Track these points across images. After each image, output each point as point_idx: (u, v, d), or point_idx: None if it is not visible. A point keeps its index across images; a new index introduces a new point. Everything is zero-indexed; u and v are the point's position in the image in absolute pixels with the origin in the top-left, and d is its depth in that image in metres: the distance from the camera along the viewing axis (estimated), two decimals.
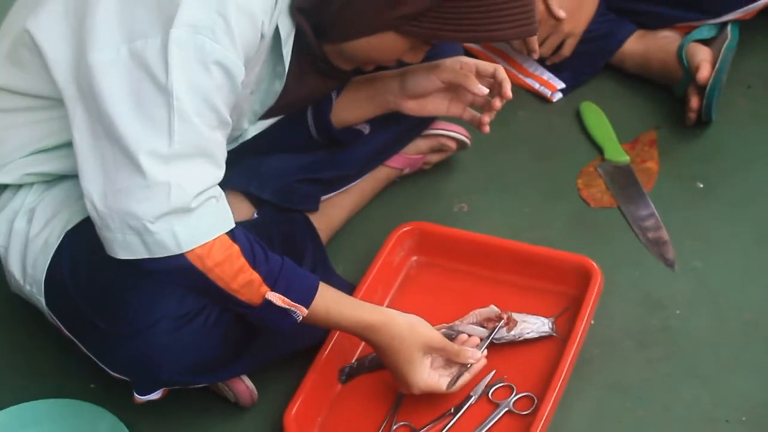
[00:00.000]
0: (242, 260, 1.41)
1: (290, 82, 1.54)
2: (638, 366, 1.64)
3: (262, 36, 1.42)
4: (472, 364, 1.56)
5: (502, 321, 1.62)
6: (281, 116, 1.66)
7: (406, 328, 1.52)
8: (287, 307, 1.44)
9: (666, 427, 1.57)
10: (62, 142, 1.48)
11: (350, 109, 1.71)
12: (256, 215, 1.75)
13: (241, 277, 1.41)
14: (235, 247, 1.41)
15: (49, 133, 1.49)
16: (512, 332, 1.63)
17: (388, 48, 1.48)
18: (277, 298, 1.43)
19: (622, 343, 1.67)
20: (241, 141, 1.64)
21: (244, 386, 1.64)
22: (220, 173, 1.41)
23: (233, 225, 1.42)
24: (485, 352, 1.59)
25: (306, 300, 1.46)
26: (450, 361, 1.57)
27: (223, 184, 1.44)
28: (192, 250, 1.37)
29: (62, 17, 1.41)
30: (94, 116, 1.36)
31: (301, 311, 1.45)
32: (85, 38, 1.37)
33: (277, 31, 1.46)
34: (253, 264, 1.42)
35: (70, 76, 1.39)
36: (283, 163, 1.77)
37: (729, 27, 1.95)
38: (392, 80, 1.69)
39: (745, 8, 1.94)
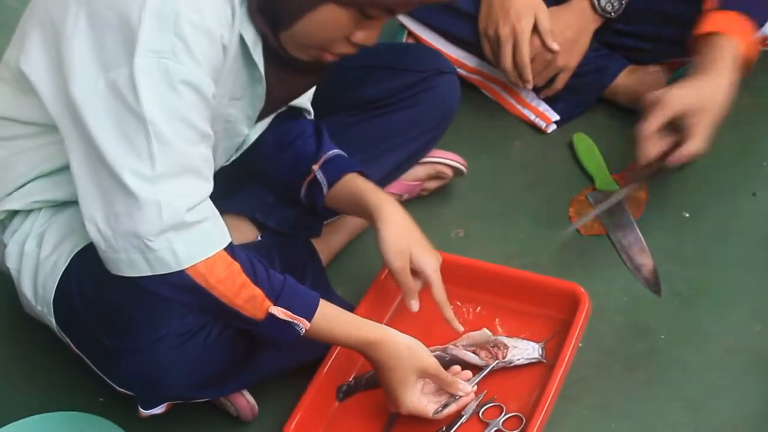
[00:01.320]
0: (244, 277, 1.42)
1: (272, 84, 1.56)
2: (624, 388, 1.65)
3: (225, 48, 1.43)
4: (460, 396, 1.58)
5: (495, 362, 1.63)
6: (278, 111, 1.68)
7: (405, 349, 1.53)
8: (290, 320, 1.45)
9: None
10: (62, 164, 1.50)
11: (337, 203, 1.71)
12: (260, 237, 1.76)
13: (243, 293, 1.42)
14: (236, 265, 1.42)
15: (53, 155, 1.51)
16: (504, 358, 1.64)
17: (330, 22, 1.46)
18: (280, 312, 1.45)
19: (609, 365, 1.68)
20: (245, 147, 1.67)
21: (245, 401, 1.65)
22: (208, 186, 1.42)
23: (230, 240, 1.43)
24: (475, 387, 1.60)
25: (308, 313, 1.47)
26: (441, 389, 1.58)
27: (229, 209, 1.48)
28: (194, 267, 1.39)
29: (43, 51, 1.43)
30: (85, 143, 1.39)
31: (303, 324, 1.46)
32: (64, 71, 1.39)
33: (242, 39, 1.48)
34: (255, 280, 1.43)
35: (61, 107, 1.42)
36: None
37: None
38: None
39: None
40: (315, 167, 1.70)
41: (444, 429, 1.59)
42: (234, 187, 1.76)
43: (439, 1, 1.48)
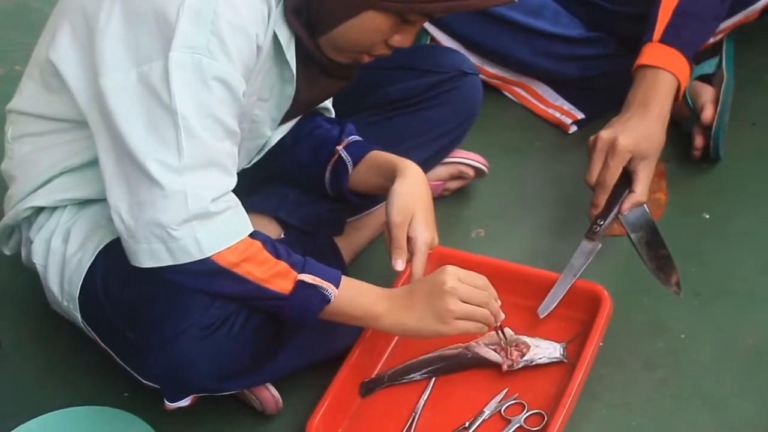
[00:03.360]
0: (266, 253, 1.45)
1: (301, 86, 1.58)
2: (644, 387, 1.66)
3: (259, 47, 1.46)
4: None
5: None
6: (300, 116, 1.70)
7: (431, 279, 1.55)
8: (319, 284, 1.47)
9: None
10: (88, 160, 1.52)
11: (362, 180, 1.72)
12: (283, 236, 1.77)
13: (268, 267, 1.45)
14: (257, 243, 1.45)
15: (77, 151, 1.54)
16: (525, 357, 1.64)
17: (371, 28, 1.49)
18: (308, 278, 1.46)
19: (630, 364, 1.69)
20: (266, 149, 1.69)
21: (270, 394, 1.66)
22: (232, 181, 1.45)
23: (252, 229, 1.46)
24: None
25: (335, 279, 1.49)
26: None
27: (252, 207, 1.50)
28: (217, 254, 1.41)
29: (73, 44, 1.46)
30: (113, 136, 1.41)
31: (331, 289, 1.48)
32: (96, 64, 1.41)
33: (276, 39, 1.50)
34: (277, 256, 1.46)
35: (90, 101, 1.45)
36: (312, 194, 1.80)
37: (724, 65, 1.97)
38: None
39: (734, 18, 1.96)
40: (339, 147, 1.71)
41: (467, 425, 1.60)
42: (256, 187, 1.78)
43: (481, 6, 1.51)
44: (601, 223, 1.76)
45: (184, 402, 1.55)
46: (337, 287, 1.49)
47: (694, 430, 1.60)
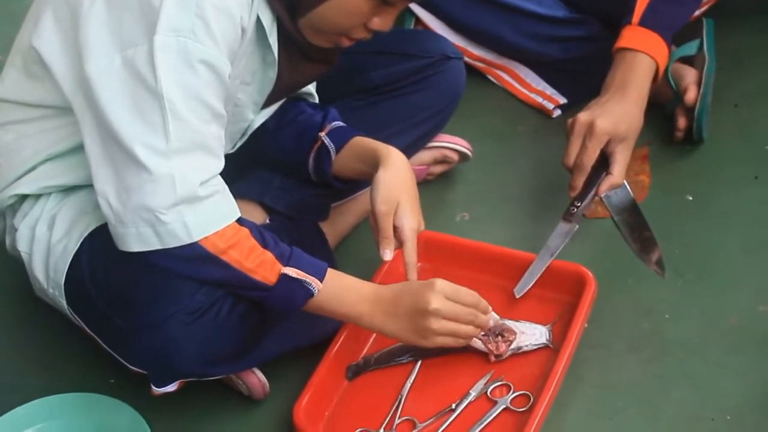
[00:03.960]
0: (253, 241, 1.44)
1: (283, 70, 1.57)
2: (629, 367, 1.66)
3: (243, 30, 1.45)
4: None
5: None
6: (283, 100, 1.69)
7: (419, 285, 1.55)
8: (303, 278, 1.46)
9: (655, 425, 1.59)
10: (72, 146, 1.52)
11: (345, 166, 1.71)
12: (268, 221, 1.77)
13: (254, 256, 1.44)
14: (245, 230, 1.44)
15: (61, 138, 1.53)
16: (511, 346, 1.64)
17: (350, 9, 1.48)
18: (292, 271, 1.46)
19: (615, 346, 1.69)
20: (249, 132, 1.68)
21: (257, 379, 1.65)
22: (219, 164, 1.44)
23: (239, 215, 1.45)
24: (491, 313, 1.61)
25: (320, 273, 1.48)
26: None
27: (237, 193, 1.48)
28: (205, 239, 1.40)
29: (57, 30, 1.45)
30: (99, 122, 1.40)
31: (316, 283, 1.47)
32: (80, 49, 1.41)
33: (259, 22, 1.49)
34: (264, 245, 1.45)
35: (75, 87, 1.44)
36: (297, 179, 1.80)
37: (705, 47, 1.97)
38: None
39: None
40: (322, 134, 1.70)
41: (453, 406, 1.60)
42: (241, 172, 1.77)
43: None
44: (578, 204, 1.76)
45: (171, 387, 1.55)
46: (321, 281, 1.49)
47: (679, 409, 1.60)
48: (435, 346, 1.57)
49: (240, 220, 1.46)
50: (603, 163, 1.77)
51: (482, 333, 1.63)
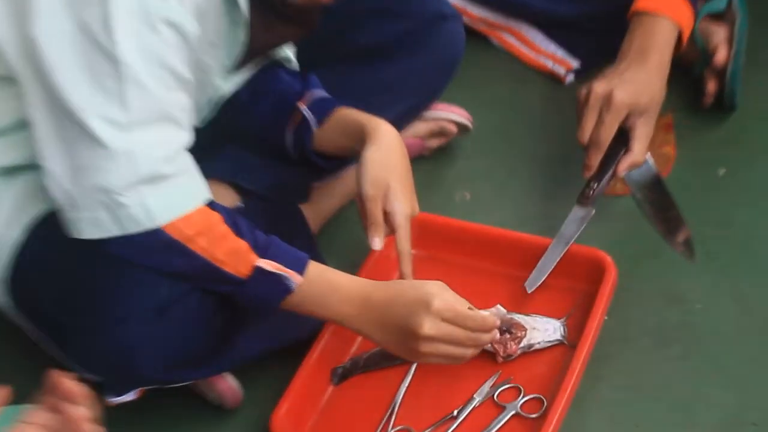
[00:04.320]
0: (225, 227, 1.42)
1: (255, 32, 1.57)
2: (656, 365, 1.64)
3: None
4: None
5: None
6: (255, 66, 1.69)
7: (411, 290, 1.50)
8: (280, 272, 1.45)
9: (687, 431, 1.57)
10: (15, 121, 1.48)
11: (328, 141, 1.70)
12: (241, 204, 1.75)
13: (225, 245, 1.42)
14: (215, 215, 1.42)
15: (2, 112, 1.50)
16: (521, 344, 1.62)
17: None
18: (268, 264, 1.44)
19: (639, 340, 1.67)
20: (219, 102, 1.67)
21: (228, 385, 1.65)
22: (186, 137, 1.43)
23: (209, 196, 1.43)
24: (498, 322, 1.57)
25: (300, 266, 1.46)
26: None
27: (205, 173, 1.46)
28: (170, 224, 1.38)
29: None
30: (48, 91, 1.38)
31: (294, 278, 1.46)
32: (26, 9, 1.38)
33: None
34: (238, 232, 1.43)
35: (20, 54, 1.41)
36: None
37: (734, 1, 1.95)
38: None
39: None
40: (302, 105, 1.69)
41: (455, 413, 1.58)
42: (210, 149, 1.72)
43: None
44: (595, 186, 1.73)
45: (130, 396, 1.53)
46: (302, 275, 1.47)
47: (715, 413, 1.57)
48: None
49: (210, 204, 1.44)
50: (621, 139, 1.75)
51: None
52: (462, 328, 1.49)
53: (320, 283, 1.49)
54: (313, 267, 1.48)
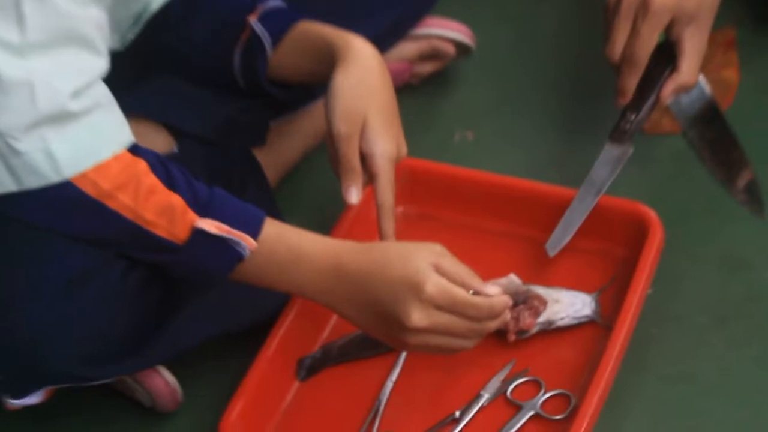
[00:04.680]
0: (153, 178, 1.43)
1: None
2: (715, 350, 1.66)
3: None
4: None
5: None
6: None
7: (396, 254, 1.51)
8: (227, 235, 1.45)
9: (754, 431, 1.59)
10: None
11: (288, 65, 1.71)
12: (175, 149, 1.76)
13: (155, 201, 1.42)
14: (141, 163, 1.42)
15: None
16: (540, 319, 1.64)
17: None
18: (211, 226, 1.44)
19: (693, 319, 1.69)
20: (146, 17, 1.68)
21: (163, 382, 1.66)
22: (101, 63, 1.42)
23: (132, 139, 1.44)
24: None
25: (253, 226, 1.47)
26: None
27: (131, 110, 1.48)
28: (82, 175, 1.38)
29: None
30: None
31: (247, 242, 1.46)
32: None
33: None
34: (170, 185, 1.44)
35: None
36: None
37: None
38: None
39: None
40: (252, 18, 1.69)
41: (457, 415, 1.59)
42: (136, 81, 1.77)
43: None
44: (633, 117, 1.75)
45: (35, 398, 1.54)
46: (256, 238, 1.48)
47: None
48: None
49: (134, 149, 1.44)
50: (665, 56, 1.76)
51: None
52: (461, 317, 1.50)
53: (279, 248, 1.50)
54: (270, 227, 1.49)
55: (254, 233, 1.47)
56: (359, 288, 1.51)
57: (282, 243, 1.50)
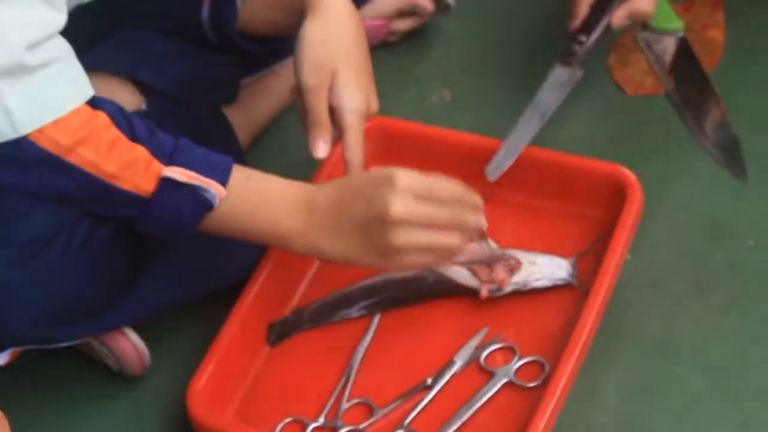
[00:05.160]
0: (114, 131, 1.42)
1: None
2: (695, 318, 1.65)
3: None
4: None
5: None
6: None
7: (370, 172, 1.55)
8: (196, 182, 1.45)
9: (737, 402, 1.58)
10: None
11: (259, 17, 1.71)
12: (143, 106, 1.76)
13: (118, 154, 1.41)
14: (101, 116, 1.42)
15: None
16: (515, 278, 1.64)
17: None
18: (178, 173, 1.44)
19: (672, 285, 1.69)
20: None
21: (130, 345, 1.66)
22: (59, 18, 1.41)
23: (91, 93, 1.43)
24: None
25: (221, 173, 1.47)
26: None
27: (96, 65, 1.54)
28: (39, 130, 1.38)
29: None
30: None
31: (216, 189, 1.46)
32: None
33: None
34: (133, 137, 1.44)
35: None
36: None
37: None
38: None
39: None
40: None
41: (429, 382, 1.59)
42: (100, 33, 1.77)
43: None
44: (583, 39, 1.76)
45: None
46: (225, 185, 1.48)
47: (764, 380, 1.59)
48: (404, 269, 1.59)
49: (94, 101, 1.43)
50: None
51: (470, 262, 1.64)
52: (440, 204, 1.51)
53: (249, 192, 1.50)
54: (238, 172, 1.50)
55: (223, 180, 1.47)
56: (333, 211, 1.52)
57: (251, 187, 1.51)
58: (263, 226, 1.52)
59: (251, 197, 1.50)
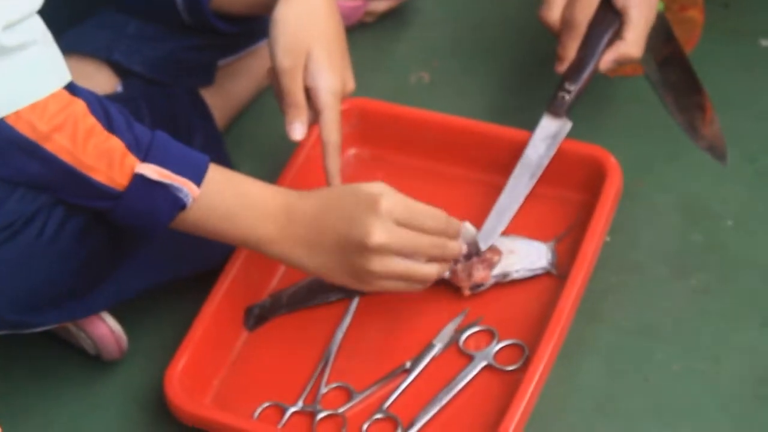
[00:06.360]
0: (91, 119, 1.42)
1: None
2: (674, 300, 1.67)
3: None
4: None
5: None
6: None
7: (351, 195, 1.53)
8: (169, 181, 1.45)
9: (716, 387, 1.58)
10: None
11: (235, 3, 1.73)
12: (119, 88, 1.76)
13: (93, 144, 1.41)
14: (79, 103, 1.42)
15: None
16: (494, 271, 1.65)
17: None
18: (152, 171, 1.44)
19: (651, 268, 1.70)
20: None
21: (107, 329, 1.66)
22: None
23: (69, 78, 1.42)
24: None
25: (196, 172, 1.47)
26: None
27: (72, 48, 1.56)
28: (16, 114, 1.38)
29: None
30: None
31: (189, 189, 1.46)
32: None
33: None
34: (110, 127, 1.43)
35: None
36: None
37: None
38: None
39: None
40: None
41: (408, 365, 1.61)
42: (76, 15, 1.77)
43: None
44: (571, 88, 1.73)
45: None
46: (199, 185, 1.48)
47: (751, 363, 1.60)
48: (378, 292, 1.60)
49: (72, 88, 1.43)
50: (608, 21, 1.73)
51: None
52: (421, 231, 1.52)
53: (225, 194, 1.50)
54: (216, 173, 1.49)
55: (198, 180, 1.47)
56: (312, 227, 1.52)
57: (227, 190, 1.51)
58: (238, 230, 1.52)
59: (228, 199, 1.51)
